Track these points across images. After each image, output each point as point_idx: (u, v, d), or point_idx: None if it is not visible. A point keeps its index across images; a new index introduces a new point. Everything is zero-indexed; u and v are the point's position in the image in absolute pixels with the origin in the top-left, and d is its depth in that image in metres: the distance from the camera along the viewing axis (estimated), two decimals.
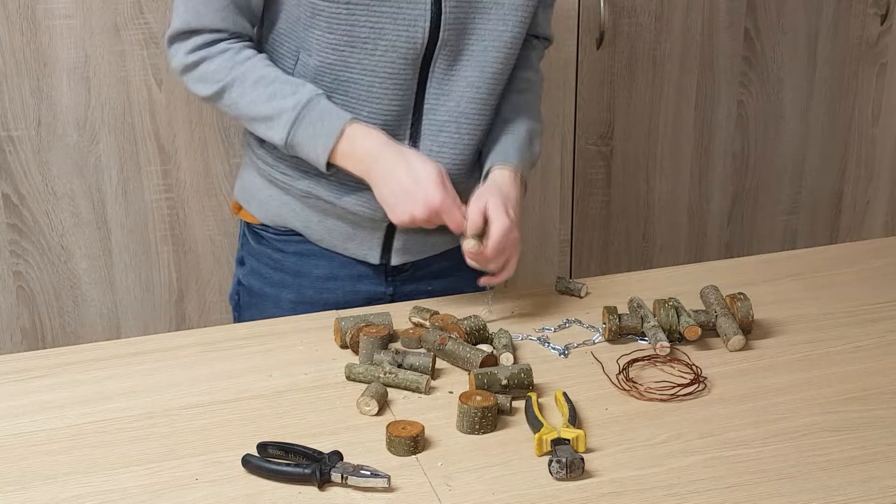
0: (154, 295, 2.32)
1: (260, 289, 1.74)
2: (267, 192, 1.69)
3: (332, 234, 1.67)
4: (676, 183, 2.64)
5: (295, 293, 1.71)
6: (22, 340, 2.28)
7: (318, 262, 1.69)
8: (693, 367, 1.45)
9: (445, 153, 1.61)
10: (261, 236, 1.72)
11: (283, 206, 1.68)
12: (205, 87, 1.58)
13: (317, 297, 1.70)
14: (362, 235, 1.66)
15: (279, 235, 1.70)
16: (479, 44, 1.58)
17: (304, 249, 1.69)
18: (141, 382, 1.44)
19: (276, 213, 1.69)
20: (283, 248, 1.71)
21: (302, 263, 1.70)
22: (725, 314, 1.54)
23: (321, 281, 1.70)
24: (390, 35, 1.52)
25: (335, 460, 1.23)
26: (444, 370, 1.47)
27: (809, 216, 2.79)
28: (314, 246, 1.69)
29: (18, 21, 2.07)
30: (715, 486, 1.22)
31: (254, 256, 1.75)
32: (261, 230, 1.72)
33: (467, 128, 1.61)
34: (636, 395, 1.39)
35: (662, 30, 2.49)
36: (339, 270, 1.69)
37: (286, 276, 1.71)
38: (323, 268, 1.69)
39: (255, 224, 1.73)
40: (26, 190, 2.18)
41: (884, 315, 1.62)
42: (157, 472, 1.25)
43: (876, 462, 1.26)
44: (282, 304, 1.71)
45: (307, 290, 1.71)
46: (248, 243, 1.76)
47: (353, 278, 1.70)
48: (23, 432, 1.33)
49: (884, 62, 2.69)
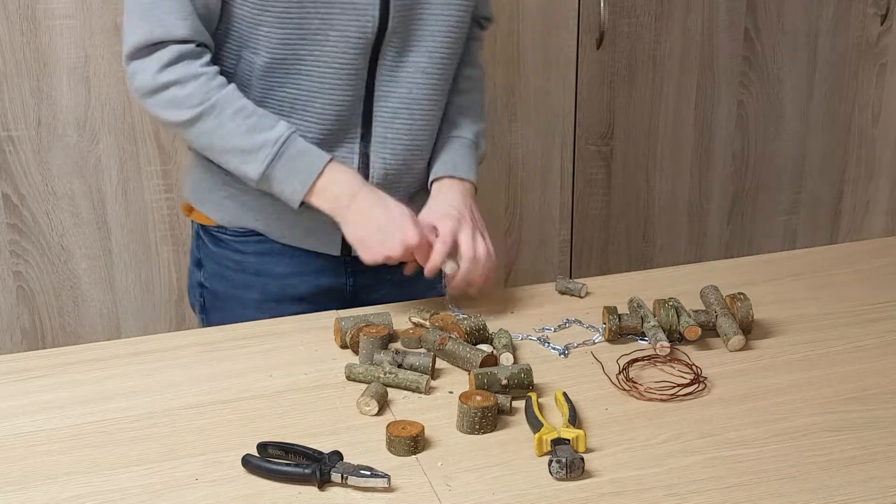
0: (154, 295, 2.32)
1: (224, 291, 1.73)
2: (222, 192, 1.67)
3: (292, 231, 1.67)
4: (676, 183, 2.64)
5: (259, 292, 1.71)
6: (22, 340, 2.28)
7: (279, 259, 1.69)
8: (693, 367, 1.45)
9: (401, 139, 1.62)
10: (218, 238, 1.71)
11: (241, 206, 1.66)
12: (176, 113, 1.54)
13: (281, 294, 1.70)
14: (323, 229, 1.66)
15: (238, 237, 1.69)
16: (427, 29, 1.59)
17: (263, 249, 1.69)
18: (141, 382, 1.44)
19: (233, 214, 1.68)
20: (242, 248, 1.70)
21: (263, 263, 1.70)
22: (725, 314, 1.54)
23: (283, 278, 1.70)
24: (341, 25, 1.53)
25: (335, 460, 1.23)
26: (444, 370, 1.47)
27: (809, 216, 2.79)
28: (273, 244, 1.68)
29: (18, 21, 2.07)
30: (715, 486, 1.22)
31: (213, 259, 1.73)
32: (217, 232, 1.71)
33: (420, 113, 1.62)
34: (636, 395, 1.39)
35: (662, 30, 2.49)
36: (301, 266, 1.70)
37: (248, 277, 1.71)
38: (284, 265, 1.70)
39: (210, 226, 1.72)
40: (26, 190, 2.18)
41: (884, 315, 1.62)
42: (157, 472, 1.25)
43: (876, 462, 1.26)
44: (247, 304, 1.71)
45: (271, 288, 1.71)
46: (204, 245, 1.74)
47: (314, 272, 1.70)
48: (23, 432, 1.33)
49: (884, 62, 2.69)
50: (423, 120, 1.63)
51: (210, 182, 1.68)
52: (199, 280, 1.77)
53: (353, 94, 1.58)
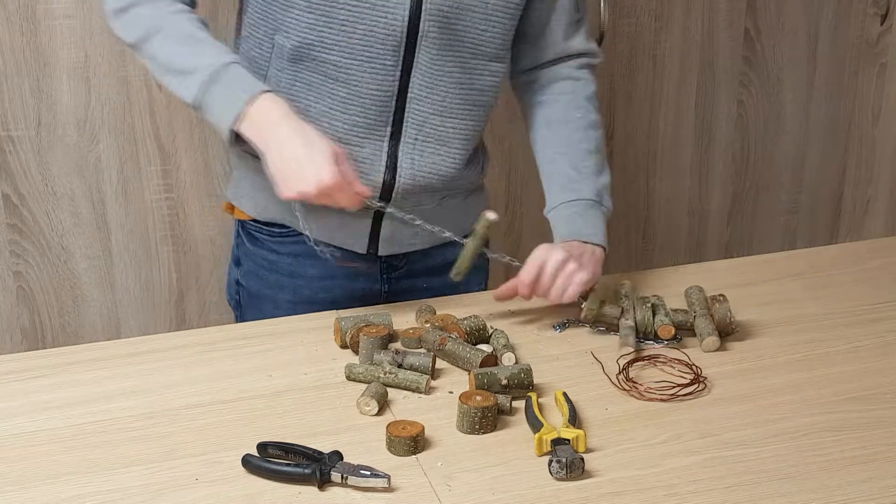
0: (154, 295, 2.32)
1: (258, 290, 1.74)
2: (256, 185, 1.68)
3: (319, 225, 1.66)
4: (676, 183, 2.64)
5: (292, 294, 1.71)
6: (22, 340, 2.28)
7: (312, 262, 1.69)
8: (693, 368, 1.45)
9: (430, 145, 1.62)
10: (255, 237, 1.72)
11: (272, 198, 1.65)
12: (130, 33, 1.56)
13: (314, 297, 1.70)
14: (350, 225, 1.66)
15: (273, 237, 1.70)
16: (464, 41, 1.58)
17: (298, 250, 1.69)
18: (141, 382, 1.44)
19: (265, 206, 1.69)
20: (277, 248, 1.71)
21: (297, 264, 1.70)
22: (704, 315, 1.53)
23: (317, 280, 1.70)
24: (368, 20, 1.53)
25: (335, 460, 1.23)
26: (444, 370, 1.47)
27: (809, 216, 2.79)
28: (308, 245, 1.68)
29: (18, 21, 2.07)
30: (715, 486, 1.22)
31: (250, 258, 1.75)
32: (255, 230, 1.72)
33: (452, 122, 1.62)
34: (636, 395, 1.39)
35: (662, 30, 2.49)
36: (335, 269, 1.69)
37: (282, 278, 1.71)
38: (318, 268, 1.69)
39: (248, 223, 1.73)
40: (26, 190, 2.18)
41: (884, 315, 1.62)
42: (157, 472, 1.25)
43: (876, 462, 1.26)
44: (280, 305, 1.71)
45: (304, 290, 1.71)
46: (243, 244, 1.76)
47: (348, 276, 1.70)
48: (23, 432, 1.33)
49: (884, 62, 2.69)
50: (456, 129, 1.62)
51: (246, 176, 1.70)
52: (236, 277, 1.78)
53: (382, 90, 1.57)
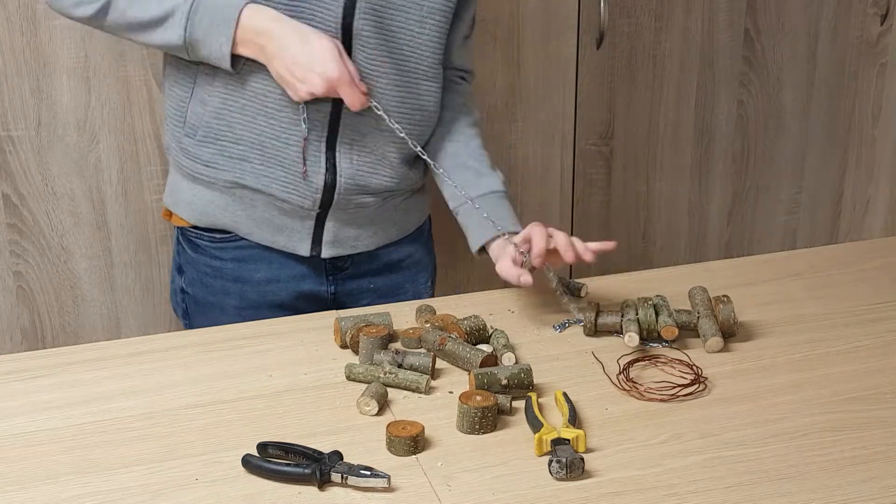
0: (154, 295, 2.32)
1: (204, 297, 1.73)
2: (192, 190, 1.67)
3: (260, 227, 1.66)
4: (676, 183, 2.64)
5: (238, 299, 1.71)
6: (22, 340, 2.28)
7: (256, 266, 1.69)
8: (694, 368, 1.45)
9: (367, 147, 1.62)
10: (196, 244, 1.71)
11: (210, 203, 1.66)
12: (86, 7, 1.55)
13: (260, 300, 1.70)
14: (291, 226, 1.65)
15: (214, 242, 1.69)
16: (398, 42, 1.58)
17: (241, 255, 1.69)
18: (141, 382, 1.44)
19: (202, 211, 1.67)
20: (220, 255, 1.70)
21: (241, 269, 1.69)
22: (708, 315, 1.53)
23: (262, 284, 1.70)
24: (306, 14, 1.53)
25: (335, 460, 1.23)
26: (444, 370, 1.47)
27: (809, 216, 2.79)
28: (250, 250, 1.68)
29: (18, 21, 2.07)
30: (715, 486, 1.22)
31: (192, 266, 1.73)
32: (195, 237, 1.71)
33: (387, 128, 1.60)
34: (636, 396, 1.39)
35: (662, 30, 2.49)
36: (279, 272, 1.69)
37: (227, 283, 1.71)
38: (262, 271, 1.69)
39: (187, 230, 1.71)
40: (26, 190, 2.18)
41: (884, 315, 1.62)
42: (157, 472, 1.25)
43: (876, 462, 1.26)
44: (227, 311, 1.70)
45: (250, 295, 1.70)
46: (184, 251, 1.74)
47: (294, 279, 1.70)
48: (23, 432, 1.33)
49: (884, 62, 2.69)
50: (391, 133, 1.62)
51: (180, 182, 1.69)
52: (180, 286, 1.77)
53: None
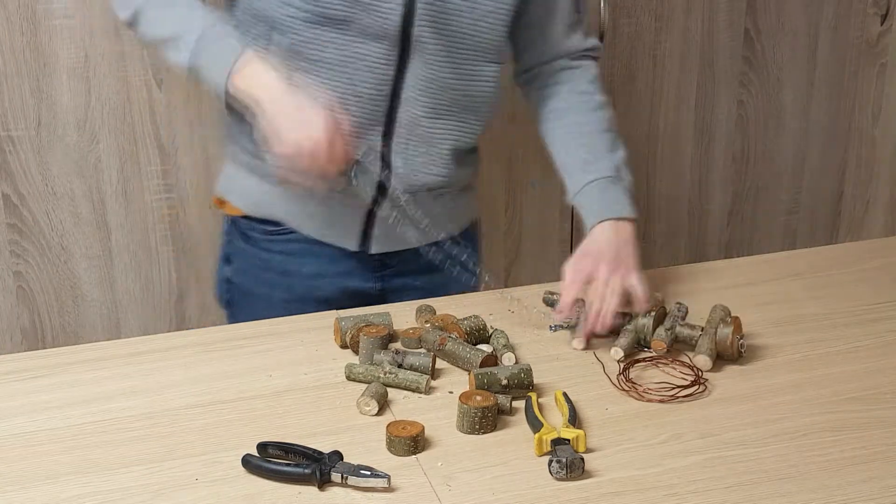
0: (154, 295, 2.32)
1: (250, 289, 1.74)
2: (247, 181, 1.68)
3: (311, 220, 1.67)
4: (676, 183, 2.64)
5: (285, 292, 1.71)
6: (22, 340, 2.28)
7: (304, 260, 1.69)
8: (694, 369, 1.45)
9: (421, 146, 1.62)
10: (248, 235, 1.72)
11: (264, 193, 1.67)
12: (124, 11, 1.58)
13: (307, 295, 1.70)
14: (341, 221, 1.66)
15: (266, 235, 1.70)
16: (457, 44, 1.58)
17: (290, 249, 1.69)
18: (141, 382, 1.44)
19: (257, 201, 1.69)
20: (269, 247, 1.71)
21: (289, 262, 1.70)
22: (710, 334, 1.49)
23: (310, 279, 1.70)
24: (363, 20, 1.52)
25: (335, 460, 1.23)
26: (444, 370, 1.47)
27: (809, 216, 2.79)
28: (300, 244, 1.69)
29: (18, 21, 2.07)
30: (715, 486, 1.22)
31: (242, 256, 1.74)
32: (247, 228, 1.72)
33: (442, 125, 1.62)
34: (635, 396, 1.39)
35: (662, 30, 2.49)
36: (327, 267, 1.70)
37: (275, 276, 1.72)
38: (310, 266, 1.70)
39: (240, 220, 1.72)
40: (26, 190, 2.18)
41: (884, 315, 1.62)
42: (157, 472, 1.25)
43: (876, 462, 1.26)
44: (273, 303, 1.71)
45: (297, 288, 1.71)
46: (234, 241, 1.75)
47: (341, 274, 1.70)
48: (23, 432, 1.33)
49: (884, 62, 2.69)
50: (445, 132, 1.63)
51: (236, 171, 1.70)
52: (227, 276, 1.78)
53: (375, 90, 1.57)
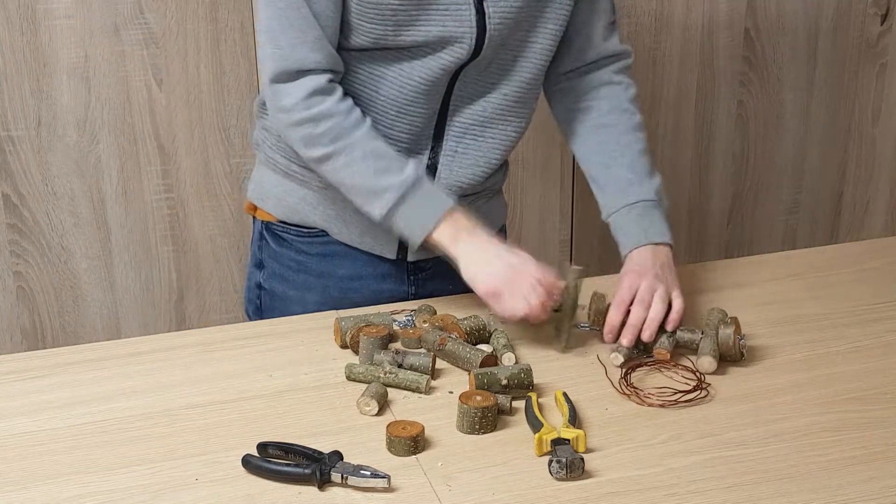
0: (154, 295, 2.32)
1: (283, 292, 1.73)
2: (283, 187, 1.68)
3: (349, 227, 1.67)
4: (676, 183, 2.64)
5: (320, 294, 1.70)
6: (22, 340, 2.28)
7: (341, 262, 1.69)
8: (697, 374, 1.44)
9: (469, 154, 1.63)
10: (282, 238, 1.71)
11: (301, 200, 1.67)
12: (309, 150, 1.55)
13: (342, 298, 1.69)
14: (379, 228, 1.65)
15: (301, 237, 1.70)
16: (512, 54, 1.59)
17: (327, 251, 1.69)
18: (141, 382, 1.44)
19: (293, 208, 1.68)
20: (306, 249, 1.70)
21: (325, 264, 1.70)
22: (712, 336, 1.49)
23: (346, 281, 1.70)
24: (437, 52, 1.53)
25: (335, 460, 1.23)
26: (444, 370, 1.47)
27: (809, 216, 2.79)
28: (336, 246, 1.68)
29: (18, 21, 2.07)
30: (715, 486, 1.22)
31: (275, 259, 1.73)
32: (281, 231, 1.71)
33: (492, 132, 1.63)
34: (636, 401, 1.38)
35: (662, 30, 2.49)
36: (363, 270, 1.69)
37: (310, 278, 1.71)
38: (347, 268, 1.69)
39: (274, 224, 1.71)
40: (26, 190, 2.18)
41: (884, 315, 1.62)
42: (157, 472, 1.25)
43: (876, 462, 1.26)
44: (307, 306, 1.69)
45: (332, 291, 1.70)
46: (267, 246, 1.74)
47: (376, 278, 1.70)
48: (23, 432, 1.33)
49: (884, 62, 2.69)
50: (495, 139, 1.63)
51: (271, 178, 1.69)
52: (257, 281, 1.76)
53: (430, 109, 1.59)
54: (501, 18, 1.53)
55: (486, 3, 1.52)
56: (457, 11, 1.51)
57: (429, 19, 1.51)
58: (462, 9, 1.51)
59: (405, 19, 1.50)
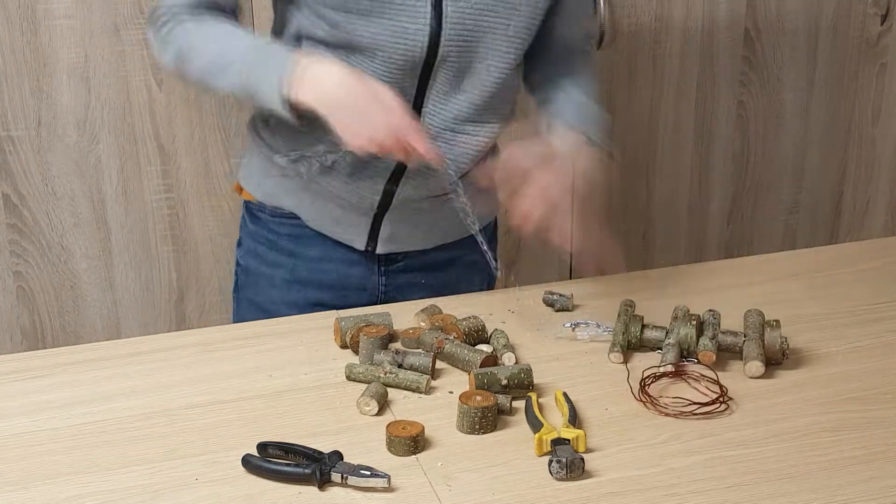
0: (154, 295, 2.32)
1: (256, 268, 1.76)
2: (263, 171, 1.71)
3: (321, 216, 1.68)
4: (676, 183, 2.64)
5: (289, 272, 1.73)
6: (22, 340, 2.28)
7: (311, 243, 1.71)
8: (721, 386, 1.40)
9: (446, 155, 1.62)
10: (257, 217, 1.74)
11: (277, 185, 1.69)
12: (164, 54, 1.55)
13: (310, 277, 1.72)
14: (350, 219, 1.67)
15: (275, 217, 1.72)
16: (482, 62, 1.58)
17: (298, 232, 1.71)
18: (141, 382, 1.44)
19: (270, 192, 1.71)
20: (277, 229, 1.72)
21: (296, 245, 1.72)
22: (755, 339, 1.46)
23: (315, 262, 1.72)
24: (388, 47, 1.52)
25: (335, 460, 1.23)
26: (443, 370, 1.47)
27: (809, 216, 2.79)
28: (307, 229, 1.70)
29: (18, 21, 2.07)
30: (715, 486, 1.22)
31: (250, 237, 1.77)
32: (258, 211, 1.74)
33: (463, 139, 1.62)
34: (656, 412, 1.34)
35: (662, 30, 2.49)
36: (332, 253, 1.71)
37: (281, 256, 1.73)
38: (316, 249, 1.71)
39: (252, 204, 1.74)
40: (26, 190, 2.18)
41: (884, 315, 1.62)
42: (157, 472, 1.25)
43: (876, 462, 1.26)
44: (276, 284, 1.73)
45: (301, 270, 1.72)
46: (245, 224, 1.78)
47: (345, 262, 1.72)
48: (23, 432, 1.33)
49: (884, 62, 2.69)
50: (466, 145, 1.63)
51: (256, 161, 1.72)
52: (237, 258, 1.80)
53: None
54: (459, 18, 1.53)
55: (444, 1, 1.51)
56: (412, 7, 1.51)
57: (383, 12, 1.50)
58: (418, 4, 1.51)
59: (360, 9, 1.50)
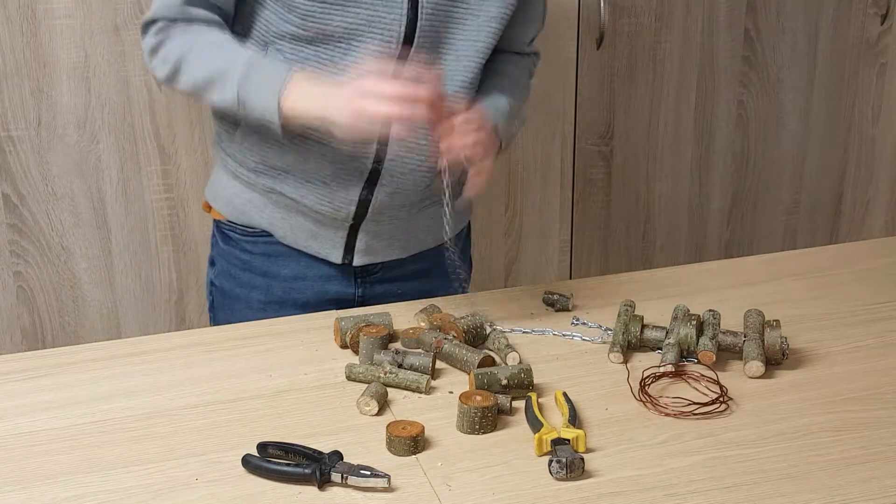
0: (154, 295, 2.32)
1: (230, 290, 1.74)
2: (232, 188, 1.69)
3: (294, 232, 1.67)
4: (676, 183, 2.64)
5: (264, 293, 1.71)
6: (22, 340, 2.28)
7: (285, 262, 1.69)
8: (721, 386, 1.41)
9: (413, 153, 1.61)
10: (228, 237, 1.72)
11: (248, 202, 1.68)
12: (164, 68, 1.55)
13: (286, 297, 1.70)
14: (325, 234, 1.66)
15: (246, 236, 1.70)
16: (453, 53, 1.58)
17: (271, 250, 1.69)
18: (141, 382, 1.44)
19: (241, 210, 1.69)
20: (250, 248, 1.71)
21: (269, 264, 1.70)
22: (755, 339, 1.47)
23: (289, 281, 1.70)
24: (364, 36, 1.52)
25: (335, 460, 1.23)
26: (443, 370, 1.47)
27: (809, 216, 2.79)
28: (281, 246, 1.69)
29: (18, 21, 2.07)
30: (715, 486, 1.22)
31: (223, 257, 1.75)
32: (228, 230, 1.72)
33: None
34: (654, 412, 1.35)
35: (662, 30, 2.49)
36: (307, 271, 1.70)
37: (255, 277, 1.71)
38: (290, 268, 1.70)
39: (223, 223, 1.73)
40: (26, 190, 2.18)
41: (884, 315, 1.62)
42: (157, 472, 1.25)
43: (876, 462, 1.26)
44: (252, 305, 1.71)
45: (276, 291, 1.71)
46: (217, 244, 1.76)
47: (321, 279, 1.70)
48: (23, 432, 1.33)
49: (884, 62, 2.69)
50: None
51: (222, 178, 1.70)
52: (210, 278, 1.78)
53: None
54: (434, 8, 1.53)
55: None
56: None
57: (360, 1, 1.50)
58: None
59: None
